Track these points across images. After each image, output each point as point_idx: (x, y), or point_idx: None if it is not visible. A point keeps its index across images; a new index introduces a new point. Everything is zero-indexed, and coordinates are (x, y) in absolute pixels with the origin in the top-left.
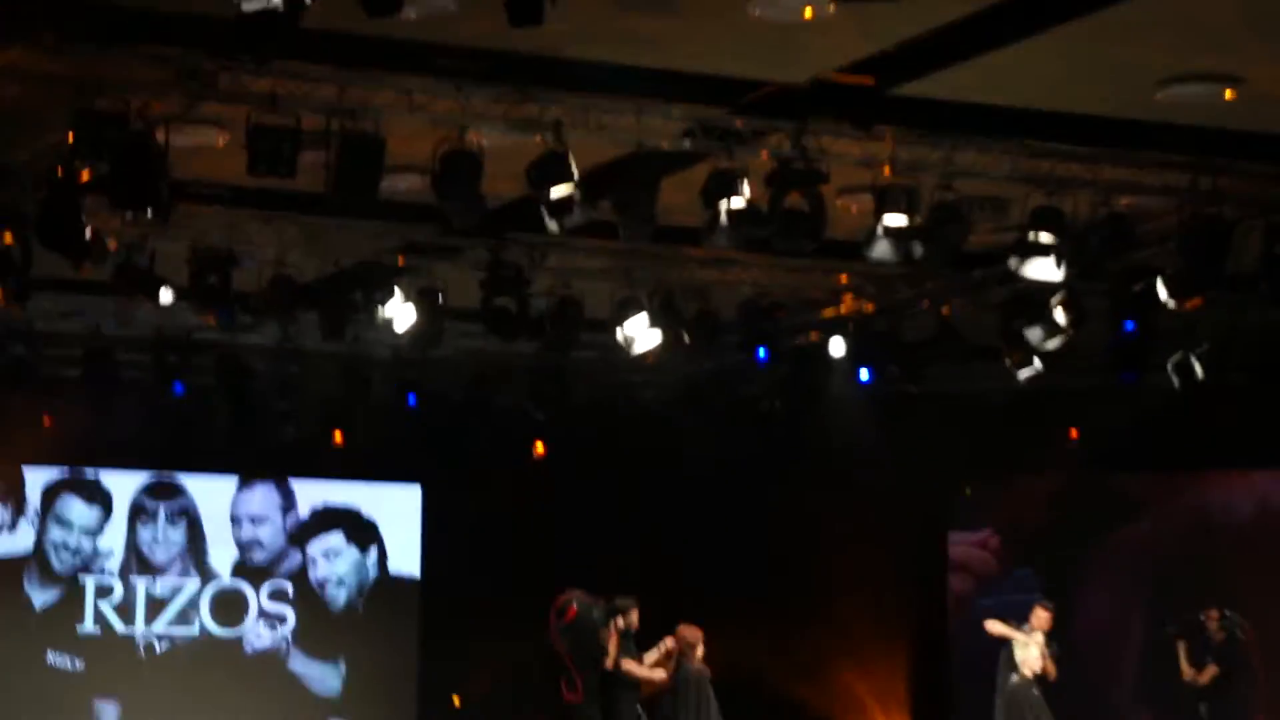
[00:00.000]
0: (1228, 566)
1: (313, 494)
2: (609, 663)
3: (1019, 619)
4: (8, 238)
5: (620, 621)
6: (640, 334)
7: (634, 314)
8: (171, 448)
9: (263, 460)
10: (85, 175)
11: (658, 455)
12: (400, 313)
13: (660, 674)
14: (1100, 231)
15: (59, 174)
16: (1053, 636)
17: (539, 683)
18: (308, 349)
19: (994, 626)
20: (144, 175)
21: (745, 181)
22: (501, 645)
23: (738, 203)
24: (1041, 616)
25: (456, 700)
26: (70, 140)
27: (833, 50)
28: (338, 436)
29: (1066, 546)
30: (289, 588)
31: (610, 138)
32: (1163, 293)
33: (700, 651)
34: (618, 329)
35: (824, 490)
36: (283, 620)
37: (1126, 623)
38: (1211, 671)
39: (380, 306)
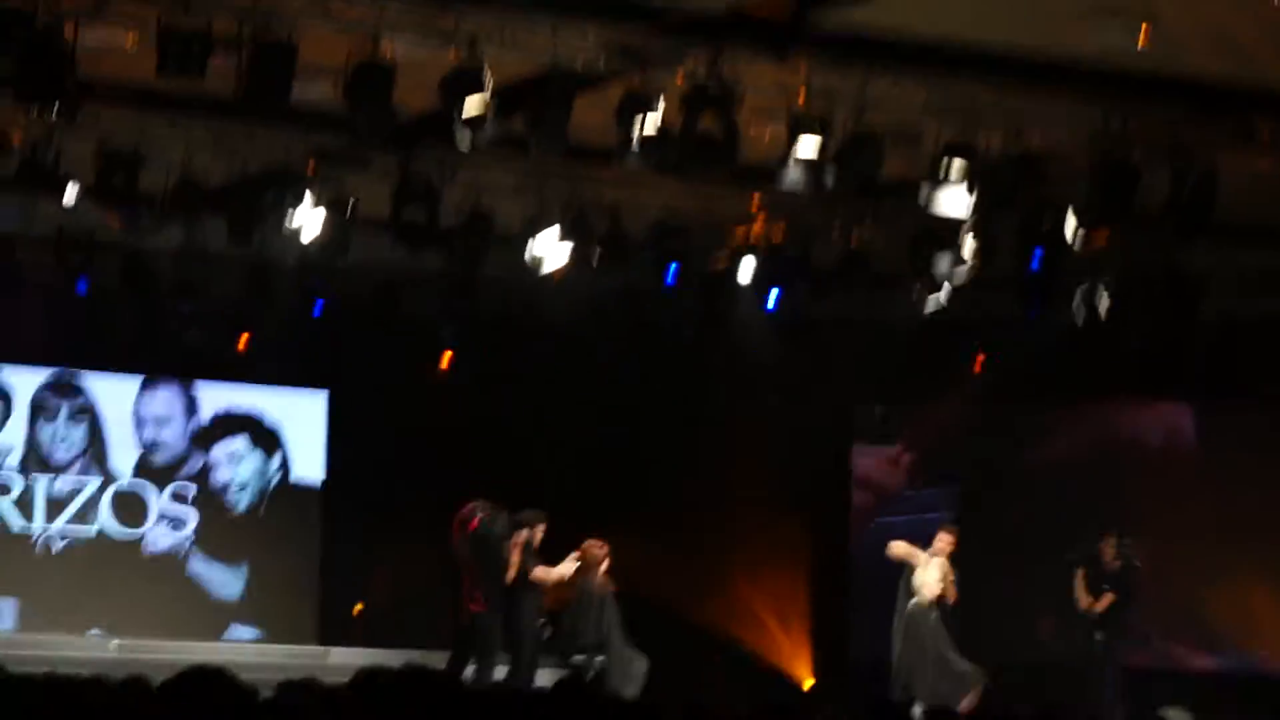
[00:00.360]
0: (1130, 492)
1: (217, 398)
2: (511, 574)
3: (923, 541)
4: None
5: (524, 534)
6: (550, 251)
7: (544, 230)
8: (74, 347)
9: (167, 362)
10: None
11: (565, 372)
12: (309, 220)
13: (561, 586)
14: (1012, 164)
15: None
16: (955, 560)
17: (441, 592)
18: (213, 253)
19: (896, 548)
20: (50, 71)
21: (659, 103)
22: (404, 554)
23: (651, 124)
24: (945, 539)
25: (358, 608)
26: None
27: None
28: (243, 341)
29: (973, 469)
30: (191, 490)
31: (525, 55)
32: (1070, 225)
33: (605, 566)
34: (527, 245)
35: (729, 411)
36: (184, 523)
37: (1031, 547)
38: (1108, 599)
39: (289, 213)
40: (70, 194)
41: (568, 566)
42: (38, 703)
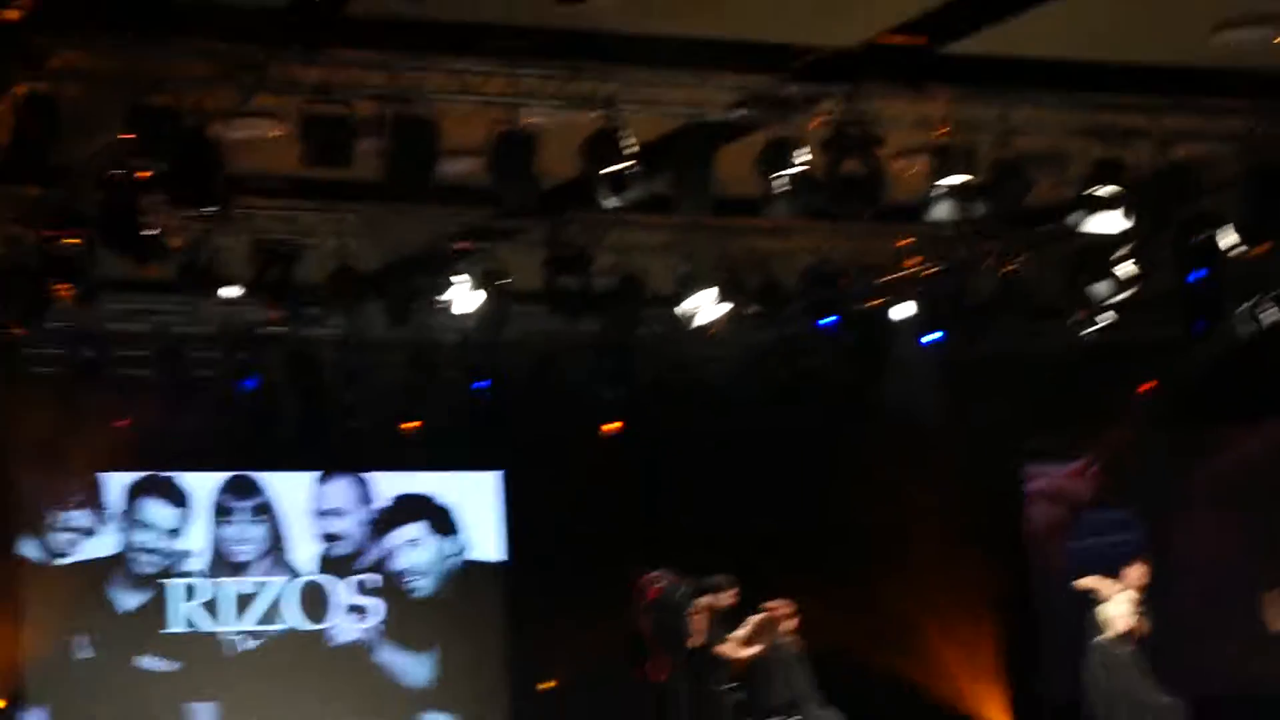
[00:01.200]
0: None
1: (390, 485)
2: (694, 640)
3: (1110, 564)
4: (73, 240)
5: (708, 599)
6: (704, 307)
7: (696, 288)
8: (246, 445)
9: (338, 453)
10: (143, 174)
11: (729, 429)
12: (464, 297)
13: (748, 651)
14: (1163, 181)
15: (118, 173)
16: (1148, 592)
17: (628, 664)
18: (374, 339)
19: (1083, 582)
20: (201, 171)
21: (801, 149)
22: (590, 628)
23: (794, 171)
24: (1137, 570)
25: (547, 685)
26: (127, 139)
27: (882, 10)
28: (409, 425)
29: (1152, 492)
30: (373, 579)
31: (663, 111)
32: (1228, 240)
33: (791, 625)
34: (681, 303)
35: (897, 456)
36: (368, 612)
37: (1219, 569)
38: None
39: (444, 292)
40: (230, 291)
41: (747, 628)
42: None
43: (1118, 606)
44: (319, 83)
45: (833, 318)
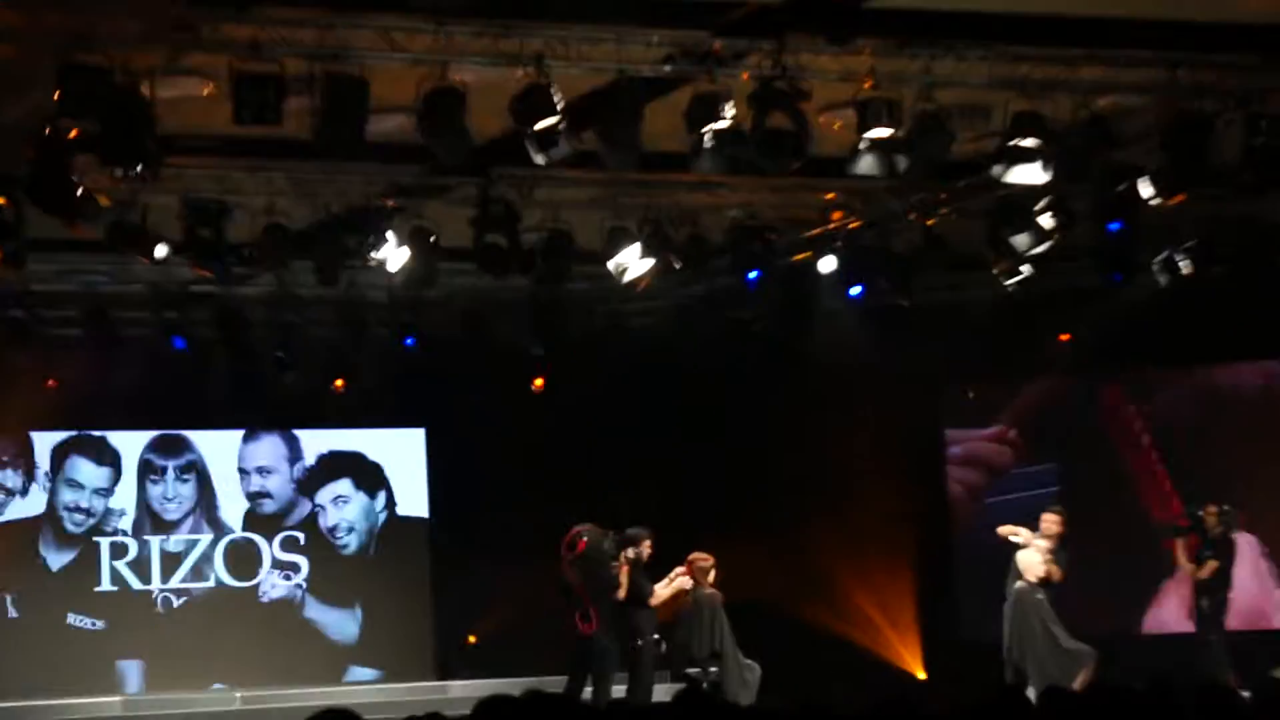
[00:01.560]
0: (1230, 455)
1: (318, 442)
2: (621, 593)
3: (1031, 518)
4: (1, 200)
5: (631, 552)
6: (632, 262)
7: (624, 243)
8: (176, 403)
9: (267, 411)
10: (73, 133)
11: (656, 382)
12: (394, 255)
13: (681, 585)
14: (1081, 132)
15: (47, 133)
16: (1064, 541)
17: (553, 617)
18: (304, 296)
19: (1001, 530)
20: (132, 131)
21: (728, 104)
22: (515, 581)
23: (721, 125)
24: (1050, 520)
25: (472, 639)
26: (56, 98)
27: None
28: (339, 383)
29: (1072, 442)
30: (300, 536)
31: (591, 67)
32: (1147, 191)
33: (712, 577)
34: (610, 259)
35: (822, 406)
36: (296, 569)
37: (1134, 517)
38: (1211, 566)
39: (373, 250)
40: (160, 251)
41: (679, 584)
42: None
43: (1033, 554)
44: (249, 40)
45: (759, 271)
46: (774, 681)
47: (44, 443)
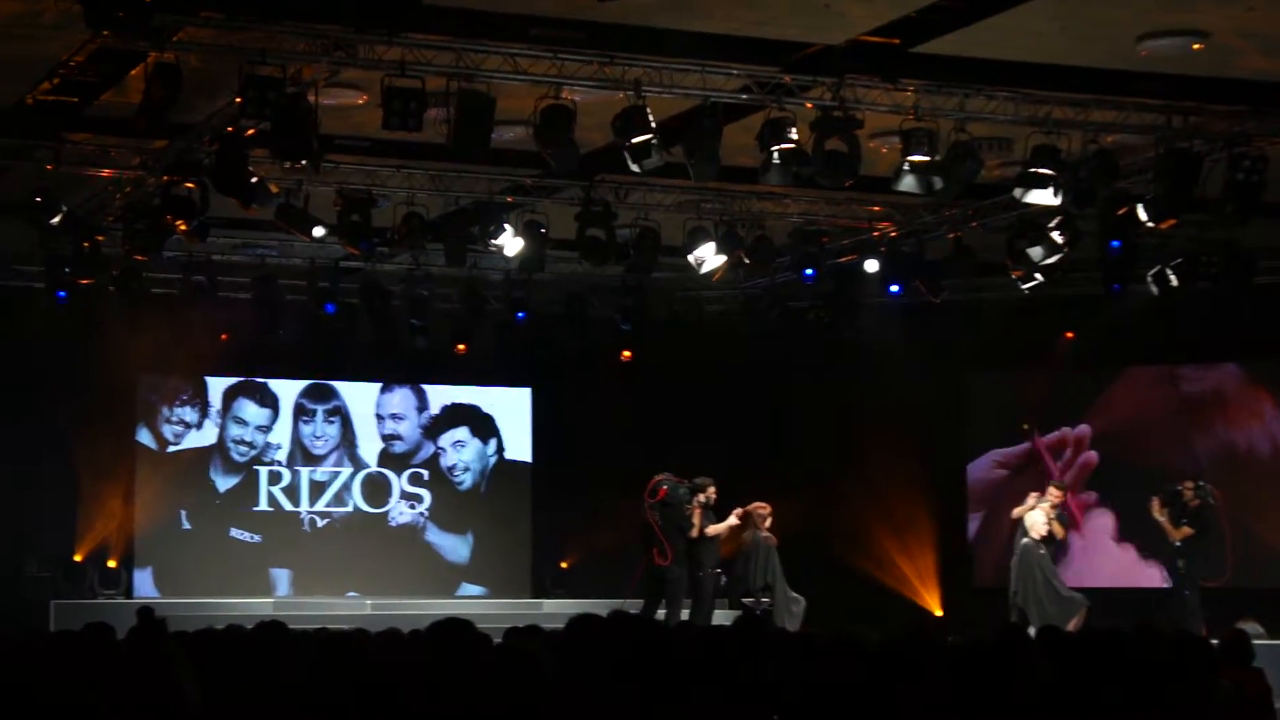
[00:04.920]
0: (1199, 442)
1: (442, 395)
2: (694, 532)
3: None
4: (189, 185)
5: (701, 497)
6: (708, 257)
7: (702, 241)
8: (325, 358)
9: (400, 368)
10: (251, 131)
11: (724, 357)
12: (510, 243)
13: (730, 524)
14: (1090, 164)
15: (229, 131)
16: (1062, 508)
17: (631, 550)
18: (434, 274)
19: (1015, 512)
20: (299, 131)
21: (793, 128)
22: (600, 518)
23: (787, 146)
24: (1054, 494)
25: (564, 564)
26: (238, 102)
27: (865, 15)
28: (461, 347)
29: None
30: (424, 473)
31: (680, 93)
32: (1143, 215)
33: (768, 523)
34: (689, 253)
35: (862, 384)
36: (420, 500)
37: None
38: (1185, 532)
39: (493, 238)
40: (318, 231)
41: (732, 521)
42: (316, 653)
43: (1039, 515)
44: (397, 60)
45: (814, 269)
46: (815, 613)
47: (216, 386)
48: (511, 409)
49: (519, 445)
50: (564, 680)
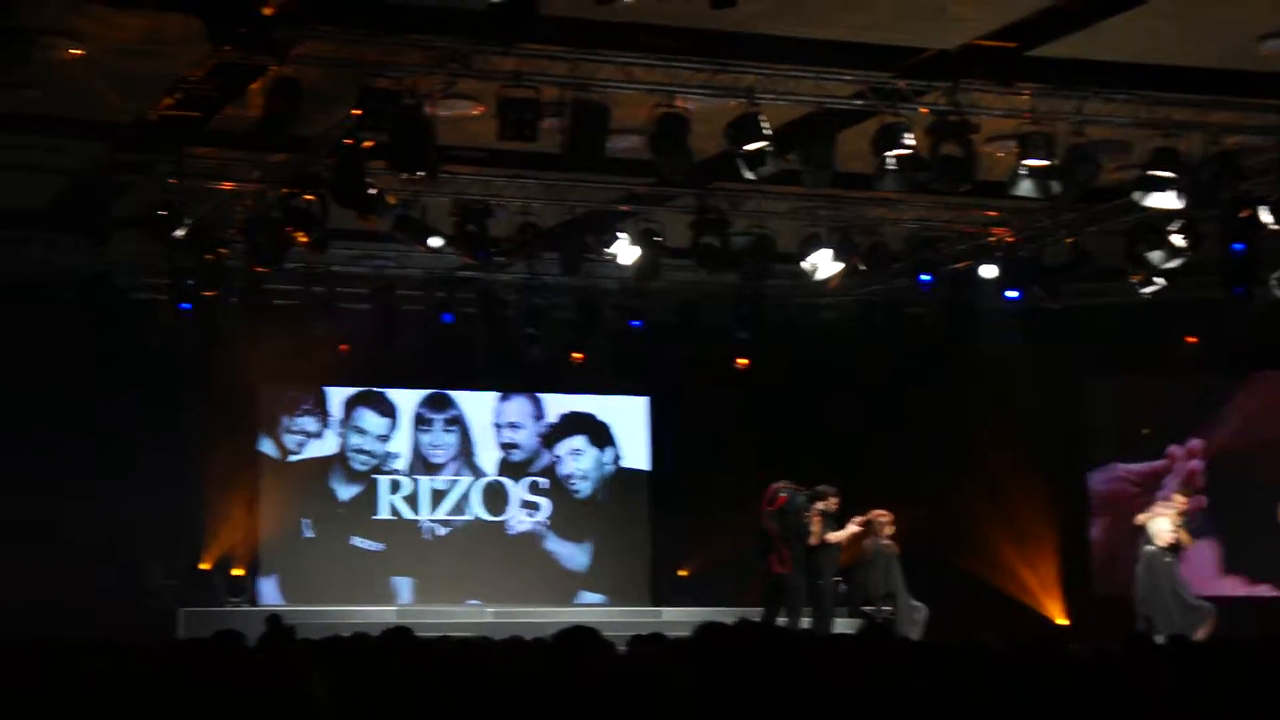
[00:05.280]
0: None
1: (558, 404)
2: (813, 539)
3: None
4: (309, 197)
5: (821, 505)
6: (823, 264)
7: (817, 247)
8: (443, 367)
9: (517, 376)
10: (369, 144)
11: (840, 364)
12: (625, 251)
13: (850, 532)
14: (1211, 167)
15: (348, 143)
16: (1189, 516)
17: (750, 557)
18: (550, 283)
19: (1138, 519)
20: (416, 143)
21: (908, 133)
22: (718, 526)
23: (902, 152)
24: (1180, 502)
25: (682, 572)
26: (356, 114)
27: (979, 19)
28: (577, 356)
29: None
30: (542, 481)
31: (794, 99)
32: (1267, 217)
33: (889, 530)
34: (804, 260)
35: (980, 391)
36: (538, 508)
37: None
38: None
39: (608, 246)
40: (435, 241)
41: (852, 529)
42: (442, 660)
43: (1164, 523)
44: (512, 71)
45: (930, 275)
46: (937, 622)
47: (336, 396)
48: (628, 417)
49: (636, 453)
50: (693, 689)
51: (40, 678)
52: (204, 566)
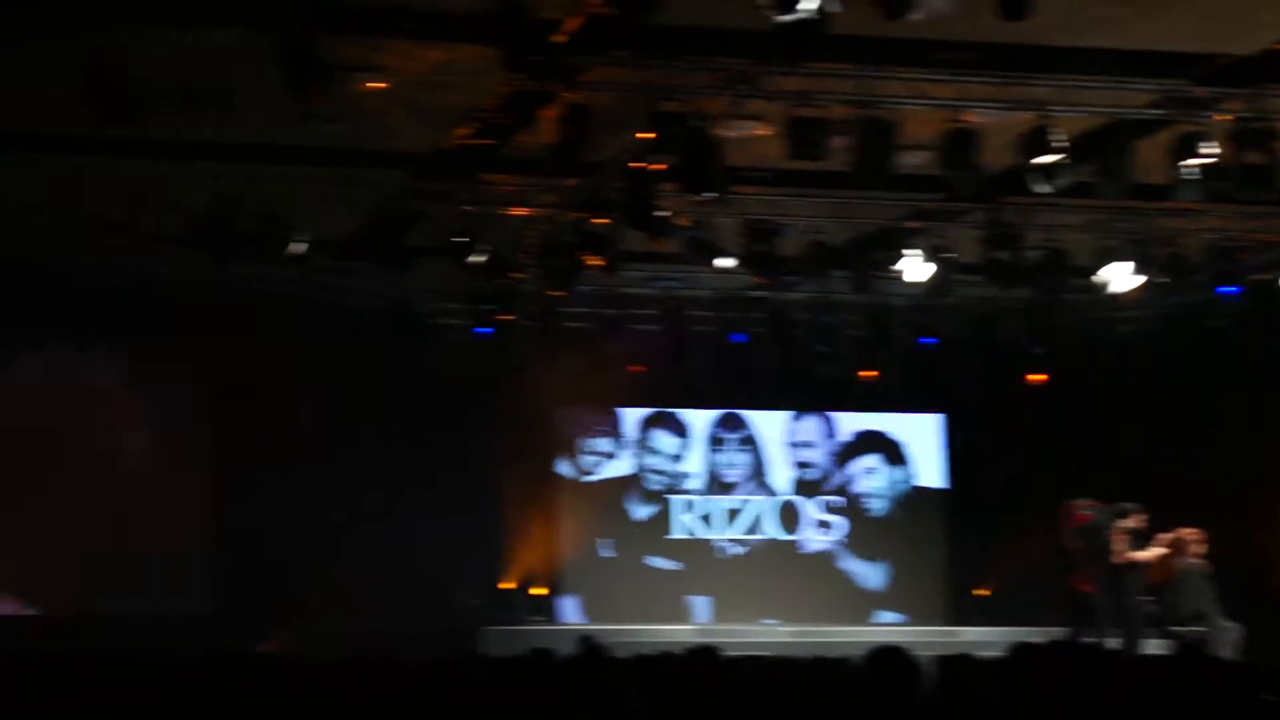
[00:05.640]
0: None
1: (851, 423)
2: (1116, 558)
3: None
4: (600, 220)
5: (1125, 522)
6: (1119, 277)
7: (1113, 260)
8: (734, 387)
9: (807, 395)
10: (658, 166)
11: (1140, 379)
12: (915, 268)
13: (1156, 552)
14: None
15: (636, 166)
16: None
17: (1050, 576)
18: (839, 301)
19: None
20: (706, 164)
21: (1208, 142)
22: (1017, 544)
23: (1202, 160)
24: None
25: (981, 591)
26: (646, 138)
27: (1277, 22)
28: (868, 374)
29: None
30: (836, 500)
31: (1088, 110)
32: None
33: (1198, 549)
34: (1099, 273)
35: None
36: (832, 527)
37: None
38: None
39: (898, 263)
40: (724, 262)
41: (1159, 549)
42: (747, 678)
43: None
44: (800, 91)
45: (1233, 287)
46: (1254, 642)
47: (628, 416)
48: (921, 435)
49: (930, 472)
50: (1008, 710)
51: (383, 695)
52: (505, 586)
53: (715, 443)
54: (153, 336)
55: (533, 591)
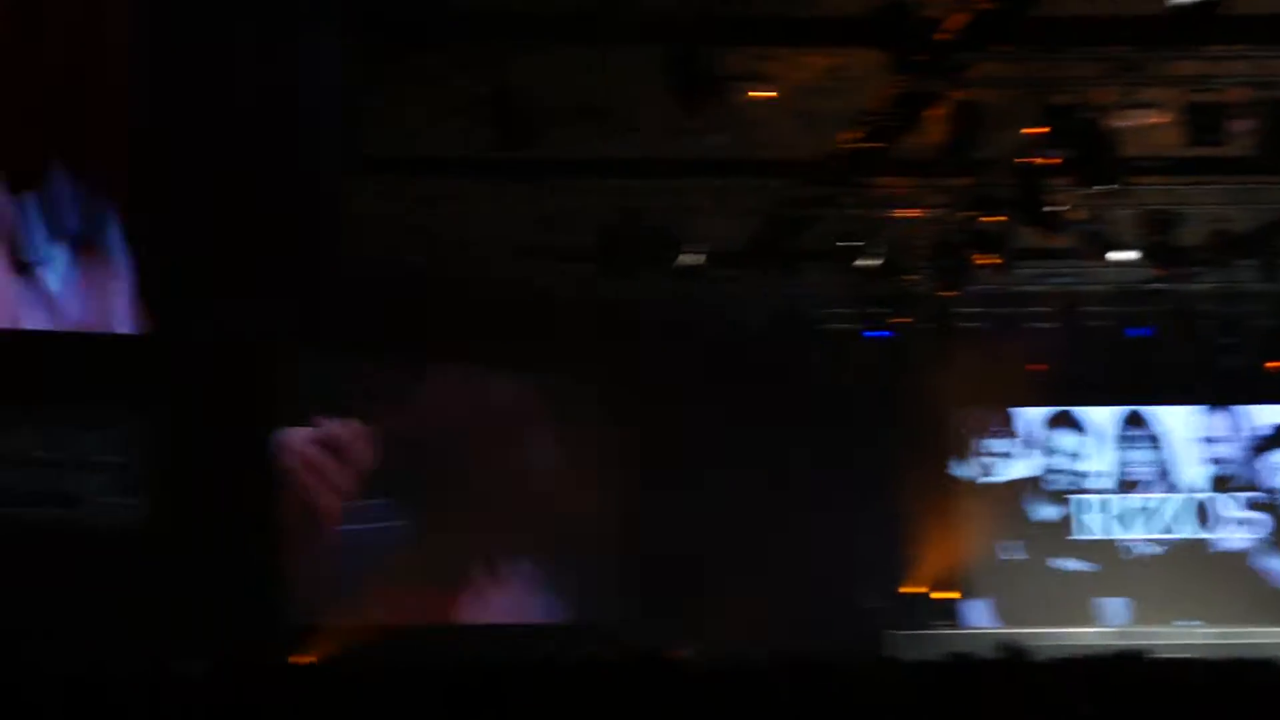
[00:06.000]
0: None
1: (1265, 415)
2: None
3: None
4: (991, 218)
5: None
6: None
7: None
8: (1134, 382)
9: (1214, 388)
10: (1050, 160)
11: None
12: None
13: None
14: None
15: (1027, 162)
16: None
17: None
18: (1245, 290)
19: None
20: (1101, 156)
21: None
22: None
23: None
24: None
25: None
26: (1039, 132)
27: None
28: (1273, 364)
29: None
30: (1253, 497)
31: None
32: None
33: None
34: None
35: None
36: (1249, 524)
37: None
38: None
39: None
40: (1121, 255)
41: None
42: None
43: None
44: (1195, 75)
45: None
46: None
47: (1026, 416)
48: None
49: None
50: None
51: (805, 696)
52: (908, 590)
53: (1120, 440)
54: (553, 349)
55: (937, 595)
